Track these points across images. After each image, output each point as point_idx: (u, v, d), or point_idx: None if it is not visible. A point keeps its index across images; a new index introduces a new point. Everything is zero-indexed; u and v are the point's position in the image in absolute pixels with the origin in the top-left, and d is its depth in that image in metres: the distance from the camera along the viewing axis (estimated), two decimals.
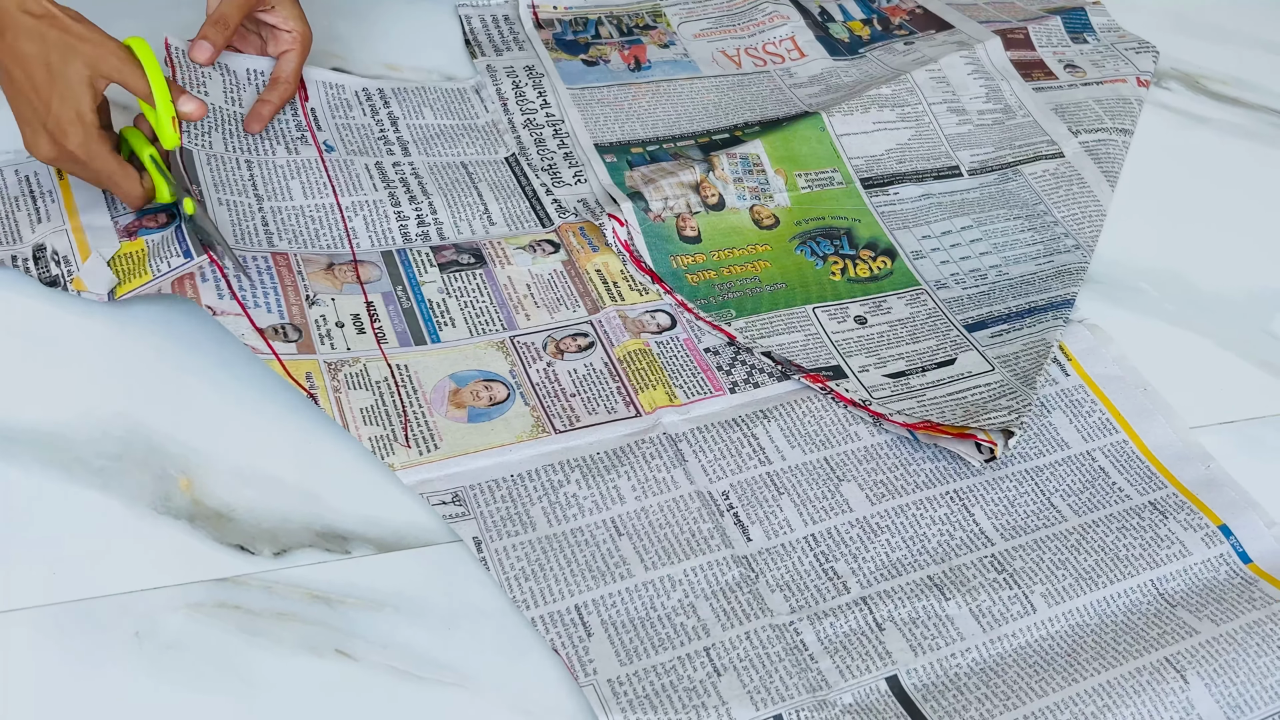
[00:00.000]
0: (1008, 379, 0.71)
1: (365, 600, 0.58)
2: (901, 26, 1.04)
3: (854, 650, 0.58)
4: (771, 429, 0.68)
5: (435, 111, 0.86)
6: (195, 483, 0.61)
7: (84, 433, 0.62)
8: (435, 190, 0.79)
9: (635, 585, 0.59)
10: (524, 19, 0.97)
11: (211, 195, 0.74)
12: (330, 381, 0.65)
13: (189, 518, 0.60)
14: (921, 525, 0.64)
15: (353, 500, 0.62)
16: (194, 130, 0.77)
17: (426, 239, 0.76)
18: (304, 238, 0.74)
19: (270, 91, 0.81)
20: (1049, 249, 0.82)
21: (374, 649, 0.56)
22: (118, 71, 0.66)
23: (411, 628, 0.57)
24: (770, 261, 0.79)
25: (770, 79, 0.95)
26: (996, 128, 0.92)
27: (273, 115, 0.81)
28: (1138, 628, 0.60)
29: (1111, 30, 1.06)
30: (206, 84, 0.80)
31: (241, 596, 0.57)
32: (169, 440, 0.63)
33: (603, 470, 0.64)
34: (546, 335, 0.71)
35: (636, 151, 0.86)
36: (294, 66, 0.81)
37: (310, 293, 0.70)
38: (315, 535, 0.60)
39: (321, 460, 0.63)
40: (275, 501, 0.61)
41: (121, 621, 0.55)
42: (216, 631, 0.55)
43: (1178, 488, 0.68)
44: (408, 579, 0.59)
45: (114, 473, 0.61)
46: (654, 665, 0.56)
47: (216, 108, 0.79)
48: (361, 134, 0.82)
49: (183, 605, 0.56)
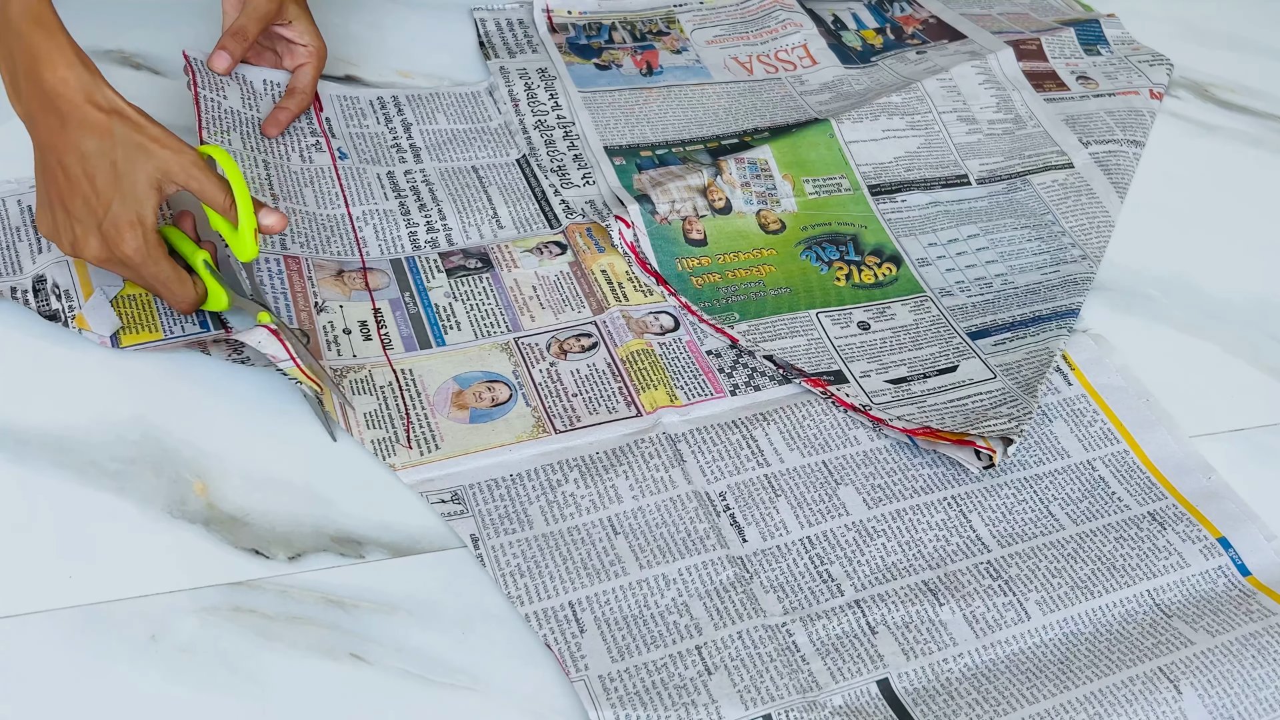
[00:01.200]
0: (1009, 387, 0.71)
1: (379, 604, 0.58)
2: (914, 36, 1.04)
3: (846, 652, 0.58)
4: (771, 431, 0.68)
5: (448, 116, 0.87)
6: (210, 487, 0.61)
7: (99, 436, 0.63)
8: (445, 197, 0.80)
9: (630, 583, 0.60)
10: (538, 23, 0.98)
11: None
12: None
13: (204, 522, 0.60)
14: (918, 530, 0.64)
15: (367, 505, 0.62)
16: (216, 128, 0.78)
17: (435, 245, 0.77)
18: (315, 243, 0.75)
19: (288, 100, 0.82)
20: (1055, 259, 0.82)
21: (388, 653, 0.56)
22: (194, 180, 0.62)
23: (425, 632, 0.57)
24: (775, 266, 0.79)
25: (781, 86, 0.96)
26: (1006, 137, 0.92)
27: (289, 122, 0.82)
28: (1132, 637, 0.60)
29: (1125, 43, 1.06)
30: (226, 90, 0.81)
31: (256, 600, 0.57)
32: (184, 444, 0.63)
33: (601, 470, 0.64)
34: (550, 336, 0.72)
35: (646, 155, 0.87)
36: (310, 78, 0.83)
37: (319, 299, 0.70)
38: (330, 539, 0.60)
39: (336, 465, 0.63)
40: (290, 506, 0.61)
41: (137, 625, 0.55)
42: (231, 635, 0.56)
43: (1178, 499, 0.67)
44: (422, 583, 0.59)
45: (129, 476, 0.61)
46: (645, 662, 0.57)
47: (234, 111, 0.80)
48: (375, 142, 0.83)
49: (198, 609, 0.56)
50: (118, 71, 0.85)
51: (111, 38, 0.87)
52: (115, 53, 0.87)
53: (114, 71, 0.85)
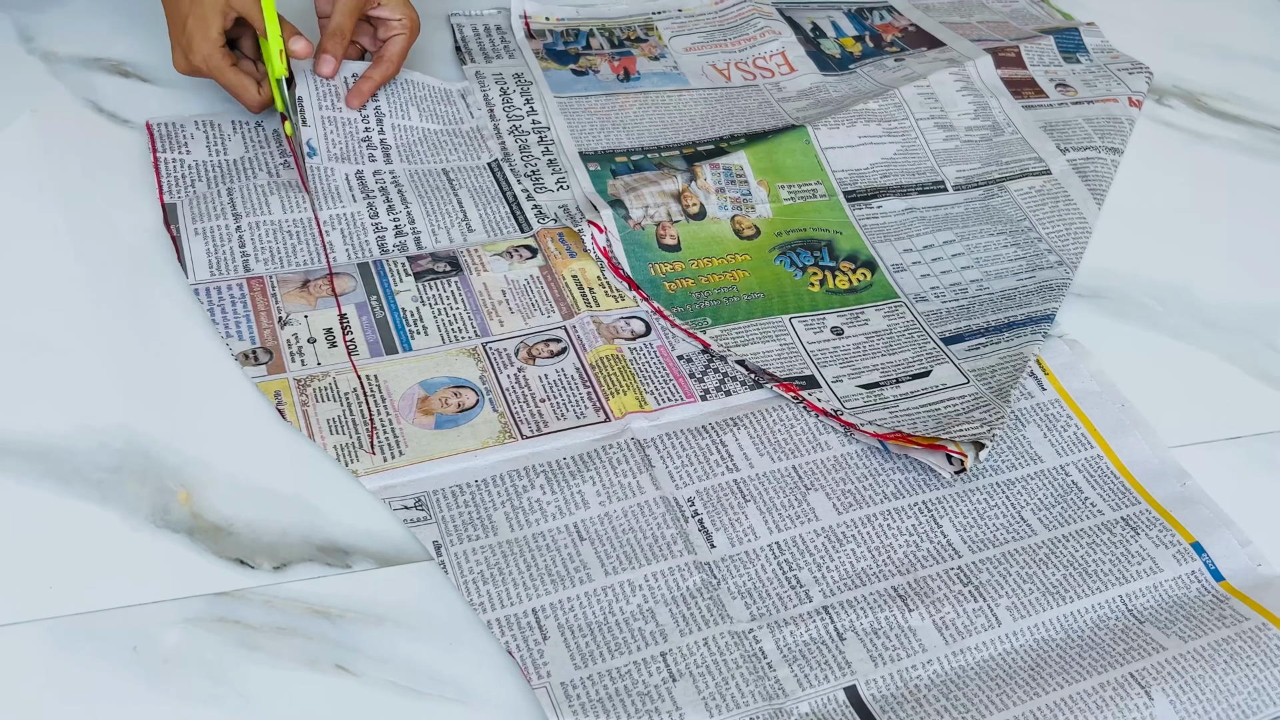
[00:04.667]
0: (982, 392, 0.70)
1: (366, 615, 0.57)
2: (893, 44, 1.04)
3: (813, 659, 0.57)
4: (741, 436, 0.67)
5: (422, 113, 0.86)
6: (194, 496, 0.61)
7: (82, 444, 0.62)
8: (414, 199, 0.80)
9: (594, 590, 0.59)
10: (515, 29, 0.98)
11: (189, 225, 0.74)
12: (299, 397, 0.65)
13: (188, 531, 0.59)
14: (888, 536, 0.63)
15: (353, 514, 0.61)
16: (179, 187, 0.77)
17: (404, 249, 0.76)
18: (281, 254, 0.74)
19: (374, 69, 0.84)
20: (1031, 264, 0.82)
21: (374, 664, 0.55)
22: (244, 6, 0.77)
23: (412, 643, 0.56)
24: (749, 271, 0.79)
25: (759, 92, 0.95)
26: (984, 144, 0.92)
27: (372, 91, 0.84)
28: (1104, 643, 0.59)
29: (1104, 51, 1.05)
30: (189, 145, 0.80)
31: (241, 611, 0.56)
32: (168, 452, 0.62)
33: (568, 475, 0.64)
34: (519, 341, 0.71)
35: (621, 160, 0.86)
36: (400, 48, 0.84)
37: (283, 314, 0.70)
38: (315, 549, 0.59)
39: (322, 473, 0.63)
40: (275, 515, 0.60)
41: (119, 636, 0.54)
42: (215, 646, 0.55)
43: (1151, 504, 0.67)
44: (409, 593, 0.58)
45: (112, 485, 0.60)
46: (609, 670, 0.56)
47: (200, 163, 0.79)
48: (346, 131, 0.82)
49: (181, 619, 0.55)
50: (107, 79, 0.85)
51: (103, 47, 0.87)
52: (105, 61, 0.87)
53: (104, 79, 0.85)
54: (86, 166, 0.78)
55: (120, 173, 0.78)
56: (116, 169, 0.78)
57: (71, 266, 0.72)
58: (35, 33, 0.88)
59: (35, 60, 0.86)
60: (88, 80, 0.85)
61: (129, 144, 0.80)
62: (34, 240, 0.73)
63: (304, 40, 0.79)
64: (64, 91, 0.84)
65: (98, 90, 0.84)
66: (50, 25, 0.89)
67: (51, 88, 0.84)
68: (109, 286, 0.71)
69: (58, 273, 0.71)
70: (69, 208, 0.75)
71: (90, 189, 0.77)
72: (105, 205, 0.76)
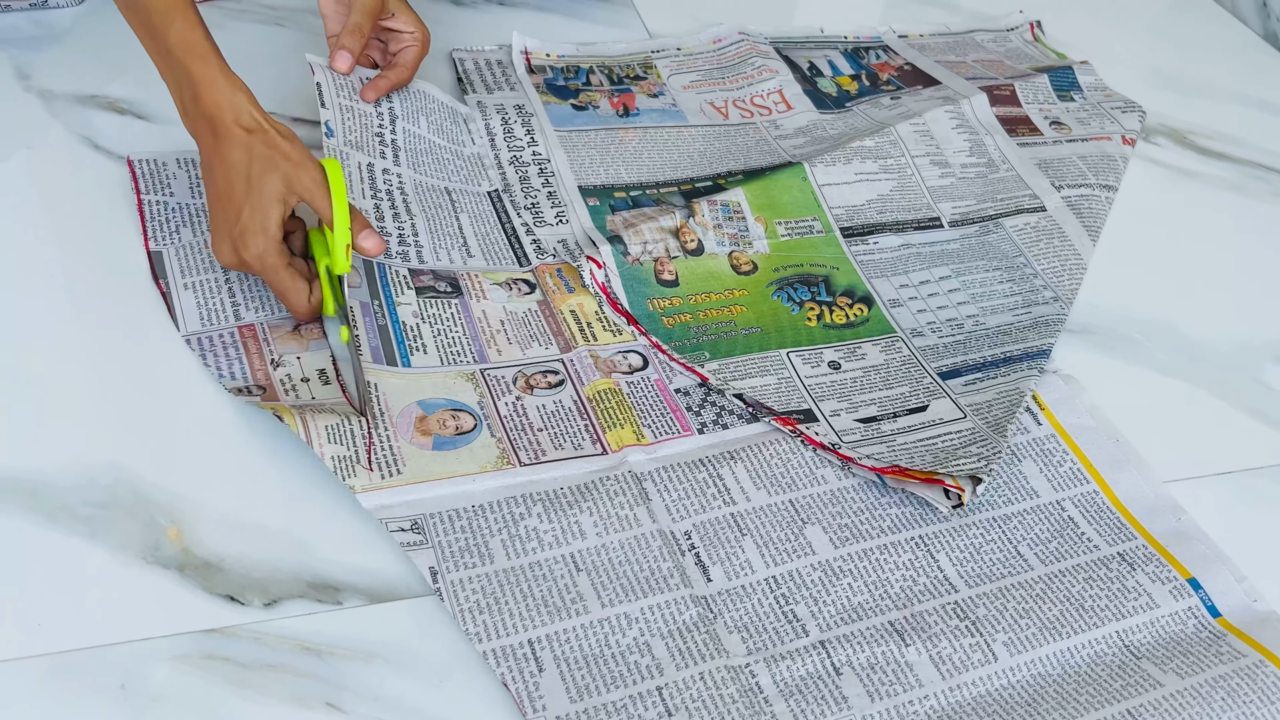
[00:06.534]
0: (979, 426, 0.71)
1: (356, 652, 0.57)
2: (889, 82, 1.05)
3: (810, 694, 0.57)
4: (738, 470, 0.67)
5: (430, 125, 0.87)
6: (184, 531, 0.60)
7: (70, 480, 0.62)
8: (419, 211, 0.80)
9: (591, 622, 0.59)
10: (517, 64, 0.99)
11: (178, 280, 0.73)
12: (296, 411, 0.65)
13: (178, 567, 0.59)
14: (885, 570, 0.63)
15: (345, 550, 0.61)
16: (163, 232, 0.76)
17: (406, 259, 0.76)
18: (271, 301, 0.73)
19: (389, 70, 0.85)
20: (1027, 300, 0.82)
21: (364, 701, 0.55)
22: (309, 192, 0.68)
23: (403, 680, 0.56)
24: (746, 306, 0.79)
25: (756, 130, 0.96)
26: (979, 181, 0.93)
27: (387, 90, 0.84)
28: (1101, 679, 0.59)
29: (1098, 89, 1.07)
30: (171, 185, 0.80)
31: (230, 648, 0.56)
32: (157, 488, 0.62)
33: (565, 505, 0.64)
34: (517, 370, 0.71)
35: (620, 196, 0.87)
36: (414, 57, 0.86)
37: (276, 355, 0.70)
38: (306, 585, 0.59)
39: (313, 509, 0.62)
40: (266, 551, 0.60)
41: (107, 673, 0.54)
42: (203, 684, 0.54)
43: (1147, 539, 0.67)
44: (400, 630, 0.58)
45: (101, 521, 0.60)
46: (604, 703, 0.55)
47: (182, 205, 0.79)
48: (362, 121, 0.82)
49: (169, 656, 0.55)
50: (103, 117, 0.86)
51: (100, 85, 0.88)
52: (100, 98, 0.87)
53: (100, 116, 0.86)
54: (80, 203, 0.79)
55: (114, 209, 0.78)
56: (111, 205, 0.79)
57: (62, 302, 0.72)
58: (32, 70, 0.89)
59: (32, 98, 0.87)
60: (84, 117, 0.85)
61: (124, 180, 0.80)
62: (26, 275, 0.73)
63: (377, 237, 0.70)
64: (60, 129, 0.84)
65: (93, 127, 0.85)
66: (47, 63, 0.90)
67: (48, 125, 0.84)
68: (99, 323, 0.71)
69: (48, 308, 0.71)
70: (62, 244, 0.75)
71: (84, 225, 0.77)
72: (98, 242, 0.76)
